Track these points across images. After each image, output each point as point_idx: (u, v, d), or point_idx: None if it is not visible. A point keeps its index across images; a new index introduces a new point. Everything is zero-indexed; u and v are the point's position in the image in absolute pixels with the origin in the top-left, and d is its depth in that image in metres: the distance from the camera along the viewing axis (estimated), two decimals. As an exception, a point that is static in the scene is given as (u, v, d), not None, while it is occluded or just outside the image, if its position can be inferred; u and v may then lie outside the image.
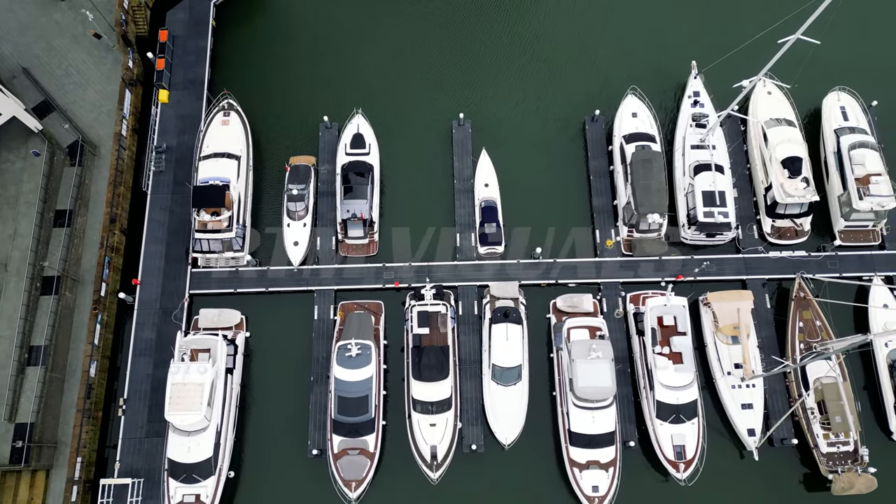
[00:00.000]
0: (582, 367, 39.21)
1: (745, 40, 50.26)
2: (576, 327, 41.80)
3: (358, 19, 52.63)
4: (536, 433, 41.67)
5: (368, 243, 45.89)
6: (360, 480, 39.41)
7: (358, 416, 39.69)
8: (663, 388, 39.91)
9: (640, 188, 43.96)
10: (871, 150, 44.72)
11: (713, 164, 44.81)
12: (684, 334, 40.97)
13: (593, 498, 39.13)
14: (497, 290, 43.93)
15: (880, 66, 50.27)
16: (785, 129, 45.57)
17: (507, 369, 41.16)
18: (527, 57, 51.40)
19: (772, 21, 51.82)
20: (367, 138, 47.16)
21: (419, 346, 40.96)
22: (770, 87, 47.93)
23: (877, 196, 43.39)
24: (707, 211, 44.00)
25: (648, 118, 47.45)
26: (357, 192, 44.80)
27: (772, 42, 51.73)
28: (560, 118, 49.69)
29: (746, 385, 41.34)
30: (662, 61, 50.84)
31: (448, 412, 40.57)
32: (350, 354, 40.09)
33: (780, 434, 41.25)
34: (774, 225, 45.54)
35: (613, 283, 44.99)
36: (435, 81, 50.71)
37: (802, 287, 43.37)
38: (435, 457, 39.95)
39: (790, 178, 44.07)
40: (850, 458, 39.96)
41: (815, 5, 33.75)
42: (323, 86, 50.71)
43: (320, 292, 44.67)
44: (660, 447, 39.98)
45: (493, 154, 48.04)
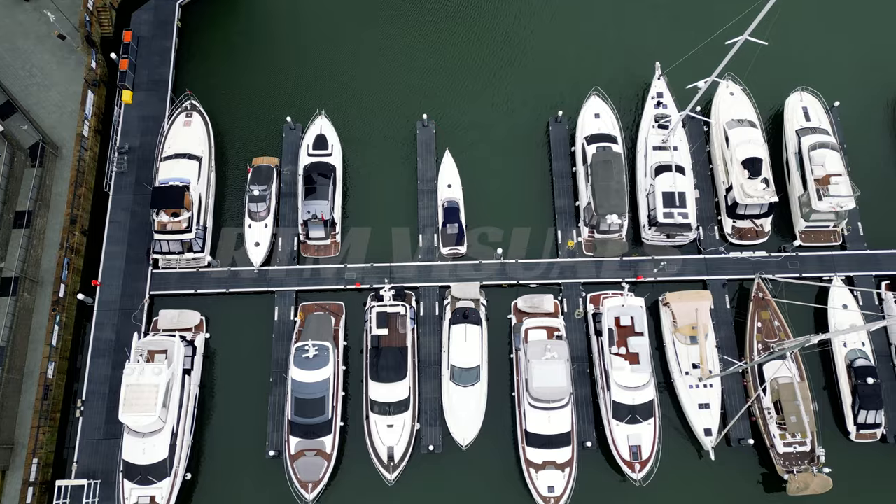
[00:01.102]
0: (537, 367, 39.26)
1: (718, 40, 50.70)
2: (534, 328, 41.79)
3: (323, 21, 52.61)
4: (495, 434, 41.69)
5: (331, 244, 45.87)
6: (316, 481, 39.36)
7: (314, 418, 39.64)
8: (619, 388, 39.96)
9: (599, 189, 44.04)
10: (832, 150, 44.82)
11: (674, 164, 44.87)
12: (641, 335, 41.01)
13: (549, 498, 39.15)
14: (458, 291, 43.95)
15: (844, 67, 50.40)
16: (746, 130, 45.69)
17: (465, 370, 41.16)
18: (492, 58, 51.44)
19: (739, 21, 52.51)
20: (330, 139, 47.15)
21: (377, 347, 40.95)
22: (732, 88, 48.10)
23: (836, 196, 43.48)
24: (667, 212, 44.08)
25: (611, 119, 47.53)
26: (318, 193, 44.77)
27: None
28: (524, 119, 49.75)
29: (704, 385, 41.42)
30: (628, 62, 50.90)
31: (405, 413, 40.55)
32: (307, 356, 40.06)
33: (737, 434, 41.34)
34: (735, 225, 45.64)
35: (574, 283, 45.04)
36: (399, 82, 50.70)
37: (761, 287, 43.49)
38: (392, 458, 39.94)
39: (750, 178, 44.16)
40: (806, 459, 40.06)
41: (765, 6, 33.60)
42: (287, 87, 50.70)
43: (281, 293, 44.62)
44: (616, 447, 40.03)
45: (456, 155, 48.08)
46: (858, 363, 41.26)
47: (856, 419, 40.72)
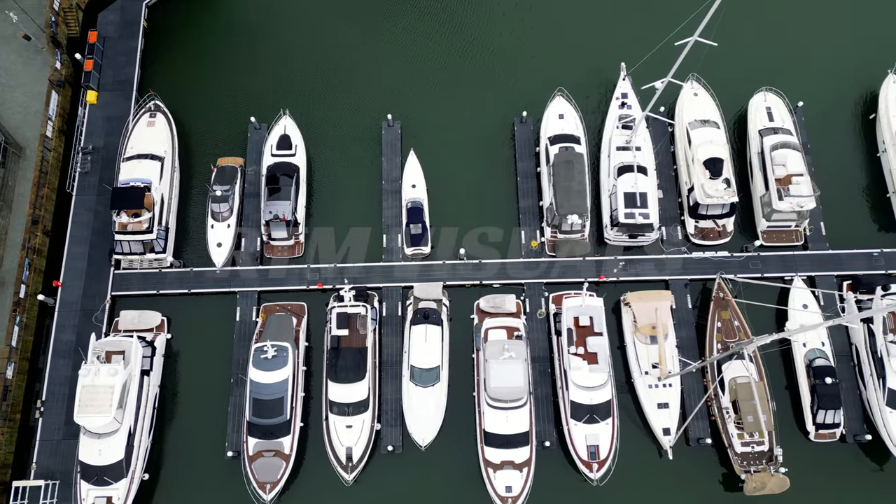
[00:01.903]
0: (495, 367, 39.31)
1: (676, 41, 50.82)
2: (493, 328, 41.84)
3: (289, 21, 52.58)
4: (456, 434, 41.66)
5: (294, 244, 45.85)
6: (274, 482, 39.32)
7: (272, 419, 39.62)
8: (577, 388, 40.05)
9: (560, 189, 44.09)
10: (794, 150, 44.92)
11: (636, 165, 44.93)
12: (600, 335, 41.10)
13: (506, 498, 39.16)
14: (420, 292, 43.98)
15: (810, 67, 50.42)
16: (708, 131, 45.80)
17: (424, 371, 41.17)
18: (458, 58, 51.45)
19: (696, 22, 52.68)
20: (294, 139, 47.15)
21: (336, 348, 40.93)
22: (697, 89, 48.17)
23: (796, 196, 43.59)
24: (628, 212, 44.14)
25: (575, 120, 47.60)
26: (280, 194, 44.74)
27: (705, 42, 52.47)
28: (491, 119, 49.73)
29: (663, 385, 41.49)
30: (597, 63, 50.79)
31: (364, 414, 40.54)
32: (266, 356, 40.03)
33: (696, 434, 41.42)
34: (698, 226, 45.72)
35: (537, 283, 45.09)
36: (365, 83, 50.70)
37: (722, 287, 43.57)
38: (350, 458, 39.92)
39: (711, 179, 44.26)
40: (764, 458, 40.13)
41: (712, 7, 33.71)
42: (253, 87, 50.63)
43: (243, 294, 44.60)
44: (574, 447, 40.09)
45: (422, 155, 48.12)
46: (817, 363, 41.34)
47: (814, 419, 40.76)
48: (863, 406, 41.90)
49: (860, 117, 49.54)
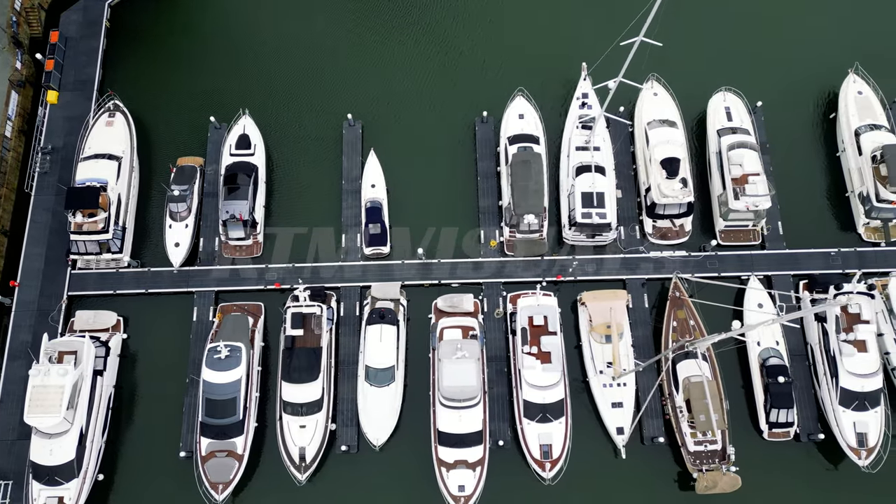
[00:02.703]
0: (448, 366, 39.35)
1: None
2: (449, 327, 41.90)
3: (251, 21, 52.62)
4: (412, 434, 41.69)
5: (252, 244, 45.83)
6: (227, 482, 39.26)
7: (225, 419, 39.56)
8: (530, 387, 40.13)
9: (518, 189, 44.16)
10: (750, 150, 45.05)
11: (593, 165, 45.00)
12: (554, 334, 41.19)
13: (459, 497, 39.19)
14: (378, 291, 44.00)
15: (769, 67, 50.51)
16: (666, 131, 45.90)
17: (380, 370, 41.18)
18: (420, 58, 51.50)
19: (664, 23, 52.77)
20: (253, 139, 47.14)
21: (291, 348, 40.93)
22: (657, 89, 48.28)
23: (752, 196, 43.70)
24: (585, 212, 44.20)
25: (535, 120, 47.67)
26: (238, 193, 44.71)
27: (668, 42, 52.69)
28: (452, 119, 49.75)
29: (617, 384, 41.57)
30: (559, 63, 50.85)
31: (318, 414, 40.52)
32: (219, 356, 39.97)
33: (650, 433, 41.50)
34: (655, 225, 45.80)
35: (495, 283, 45.13)
36: (327, 82, 50.74)
37: (678, 287, 43.70)
38: (304, 458, 39.91)
39: (668, 178, 44.35)
40: (717, 457, 40.23)
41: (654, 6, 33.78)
42: (215, 87, 50.58)
43: (200, 294, 44.56)
44: (527, 446, 40.14)
45: (383, 155, 48.12)
46: (771, 362, 41.44)
47: (768, 418, 40.88)
48: (817, 405, 42.03)
49: (821, 117, 49.72)
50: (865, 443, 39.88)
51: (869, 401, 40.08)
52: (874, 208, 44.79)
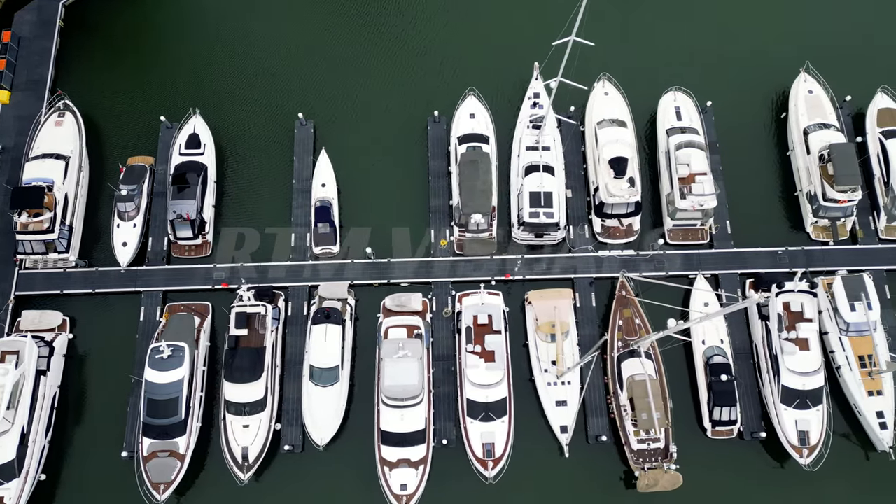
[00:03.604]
0: (389, 365, 39.38)
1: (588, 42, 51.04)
2: (394, 326, 41.90)
3: (203, 21, 52.59)
4: (357, 433, 41.64)
5: (202, 244, 45.79)
6: (168, 483, 39.17)
7: (167, 419, 39.47)
8: (472, 385, 40.18)
9: (465, 189, 44.22)
10: (697, 149, 45.16)
11: (541, 164, 45.07)
12: (498, 333, 41.26)
13: (401, 496, 39.19)
14: (325, 291, 43.98)
15: (720, 67, 50.60)
16: (614, 130, 45.99)
17: (324, 370, 41.13)
18: (374, 57, 51.48)
19: (617, 23, 53.04)
20: (203, 138, 47.11)
21: (234, 348, 40.90)
22: (608, 89, 48.38)
23: (698, 195, 43.84)
24: (533, 211, 44.26)
25: (485, 119, 47.72)
26: (186, 193, 44.66)
27: (621, 42, 52.96)
28: (405, 119, 49.77)
29: (561, 382, 41.63)
30: (512, 62, 50.91)
31: (262, 413, 40.47)
32: (161, 356, 39.89)
33: (594, 431, 41.58)
34: (604, 224, 45.88)
35: (444, 282, 45.16)
36: (280, 82, 50.72)
37: (624, 286, 43.79)
38: (246, 458, 39.85)
39: (615, 178, 44.46)
40: (660, 455, 40.34)
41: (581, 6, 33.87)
42: (168, 87, 50.60)
43: (148, 293, 44.51)
44: (470, 445, 40.19)
45: (336, 154, 48.17)
46: (715, 360, 41.58)
47: (711, 416, 41.01)
48: (761, 404, 42.16)
49: (773, 116, 49.91)
50: (807, 441, 40.01)
51: (811, 399, 40.23)
52: (821, 207, 44.96)
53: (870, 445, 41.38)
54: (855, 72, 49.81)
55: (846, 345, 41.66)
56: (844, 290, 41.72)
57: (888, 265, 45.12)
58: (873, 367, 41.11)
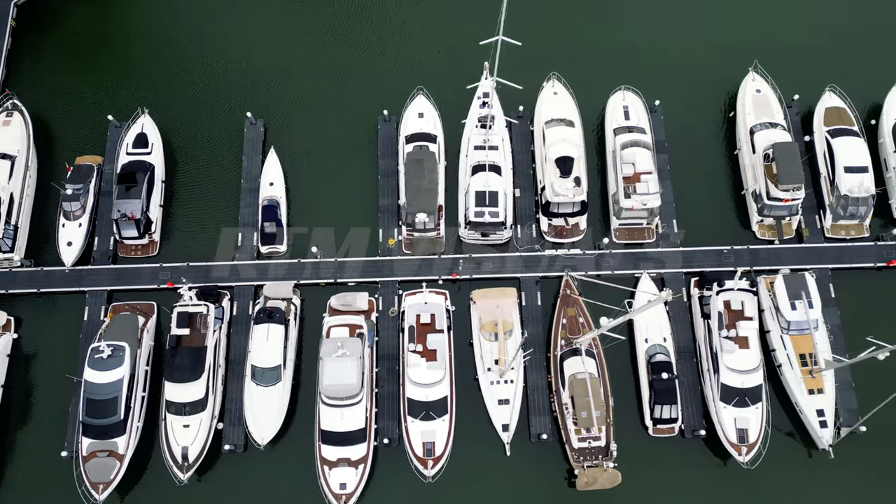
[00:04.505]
0: (328, 365, 39.35)
1: (537, 42, 51.24)
2: (336, 325, 41.92)
3: (154, 22, 52.71)
4: (299, 433, 41.66)
5: (148, 243, 45.75)
6: (107, 482, 39.11)
7: (106, 419, 39.38)
8: (413, 384, 40.24)
9: (410, 188, 44.31)
10: (643, 148, 45.33)
11: (487, 164, 45.15)
12: (441, 332, 41.32)
13: (340, 495, 39.21)
14: (270, 291, 43.93)
15: (669, 67, 50.73)
16: (561, 129, 46.13)
17: (266, 370, 41.09)
18: (323, 57, 51.54)
19: (568, 22, 53.21)
20: (151, 138, 47.08)
21: (175, 347, 40.86)
22: (557, 88, 48.49)
23: (642, 194, 44.00)
24: (478, 211, 44.35)
25: (434, 118, 47.80)
26: (131, 192, 44.63)
27: (572, 41, 53.09)
28: (356, 118, 49.78)
29: (504, 381, 41.68)
30: (463, 62, 50.76)
31: (202, 413, 40.43)
32: (101, 356, 39.82)
33: (536, 430, 41.65)
34: (551, 224, 45.99)
35: (391, 281, 45.20)
36: (230, 81, 50.78)
37: (569, 285, 43.91)
38: (186, 457, 39.80)
39: (561, 177, 44.59)
40: (601, 454, 40.43)
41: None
42: (118, 86, 50.66)
43: (92, 293, 44.43)
44: (410, 444, 40.23)
45: (286, 154, 48.29)
46: (657, 358, 41.70)
47: (652, 414, 41.15)
48: (704, 402, 42.29)
49: (723, 115, 50.10)
50: (746, 439, 40.16)
51: (749, 397, 40.39)
52: (766, 206, 45.16)
53: (811, 444, 41.55)
54: (804, 71, 50.02)
55: (787, 343, 41.85)
56: (786, 288, 41.90)
57: (833, 264, 45.31)
58: (814, 366, 41.30)
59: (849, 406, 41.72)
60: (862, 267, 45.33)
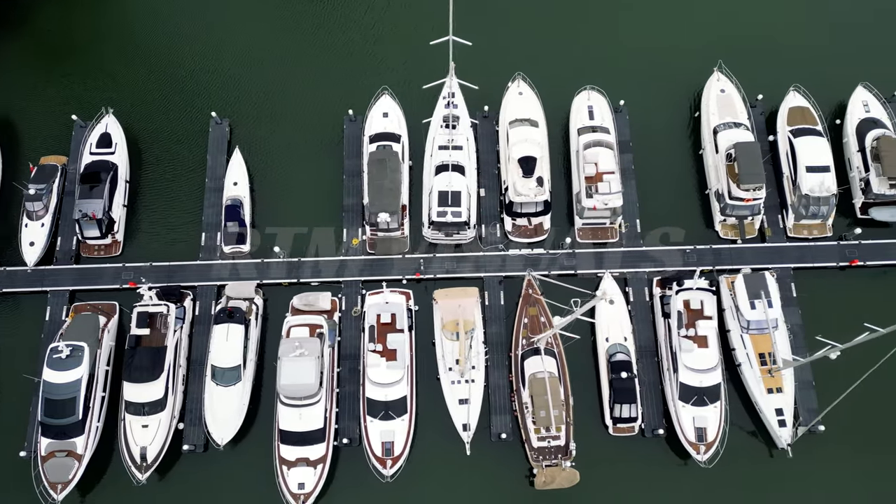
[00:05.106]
0: (286, 364, 39.35)
1: (504, 42, 51.43)
2: (296, 325, 41.92)
3: (118, 21, 52.66)
4: (260, 433, 41.66)
5: (111, 243, 45.71)
6: (66, 482, 39.04)
7: (64, 419, 39.33)
8: (372, 384, 40.26)
9: (373, 188, 44.32)
10: (606, 148, 45.44)
11: (450, 164, 45.17)
12: (401, 331, 41.37)
13: (298, 495, 39.21)
14: (232, 290, 43.92)
15: (634, 67, 50.79)
16: (525, 129, 46.16)
17: (226, 370, 41.05)
18: (290, 57, 51.47)
19: (534, 22, 53.25)
20: (115, 138, 47.04)
21: (134, 347, 40.82)
22: (522, 88, 48.52)
23: (603, 194, 44.10)
24: (440, 210, 44.38)
25: (399, 118, 47.83)
26: (93, 192, 44.56)
27: (538, 41, 53.12)
28: (322, 118, 49.77)
29: (465, 381, 41.73)
30: (430, 62, 50.87)
31: (162, 413, 40.39)
32: (60, 356, 39.77)
33: (497, 429, 41.70)
34: (515, 223, 46.05)
35: (354, 281, 45.21)
36: (196, 81, 50.74)
37: (531, 284, 43.98)
38: (144, 458, 39.76)
39: (524, 177, 44.67)
40: (560, 453, 40.52)
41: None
42: (84, 86, 50.56)
43: (54, 293, 44.36)
44: (369, 444, 40.26)
45: (252, 154, 48.31)
46: (617, 358, 41.82)
47: (612, 413, 41.25)
48: (665, 401, 42.40)
49: (689, 115, 50.21)
50: (704, 438, 40.29)
51: (708, 396, 40.51)
52: (728, 206, 45.29)
53: (771, 443, 41.69)
54: (769, 71, 50.14)
55: (747, 342, 42.00)
56: (745, 287, 42.07)
57: (796, 263, 45.45)
58: (773, 365, 41.45)
59: (809, 405, 41.91)
60: (825, 266, 45.49)
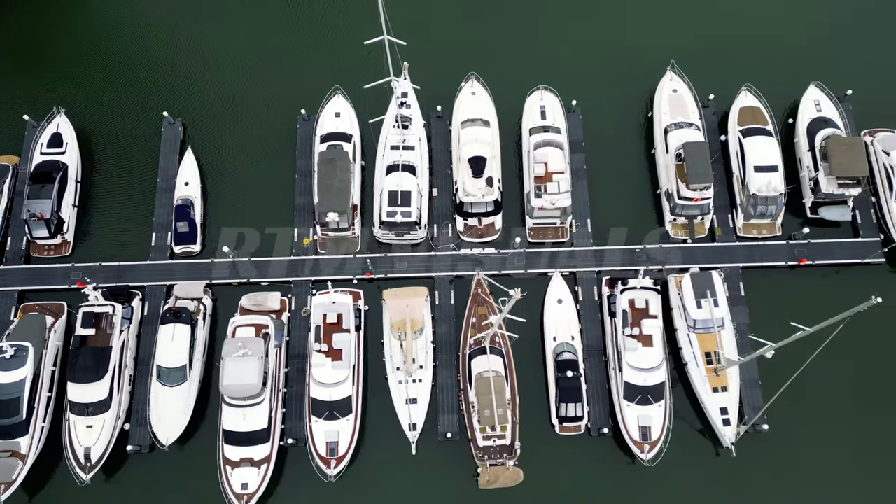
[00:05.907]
0: (229, 364, 39.34)
1: (455, 42, 51.55)
2: (242, 325, 41.92)
3: (72, 21, 52.51)
4: (206, 433, 41.67)
5: (61, 243, 45.62)
6: (9, 482, 38.98)
7: (8, 418, 39.28)
8: (317, 384, 40.29)
9: (322, 187, 44.36)
10: (556, 148, 45.56)
11: (401, 164, 45.25)
12: (347, 331, 41.41)
13: (241, 495, 39.21)
14: (181, 290, 43.87)
15: (588, 67, 50.97)
16: (475, 129, 46.26)
17: (171, 370, 41.04)
18: (244, 57, 51.39)
19: (489, 21, 53.33)
20: (66, 137, 46.96)
21: (78, 347, 40.76)
22: (475, 88, 48.60)
23: (552, 194, 44.24)
24: (390, 210, 44.45)
25: (351, 118, 47.87)
26: (42, 192, 44.50)
27: (491, 40, 53.19)
28: (274, 118, 49.75)
29: (412, 380, 41.79)
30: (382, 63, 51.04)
31: (106, 413, 40.33)
32: (4, 356, 39.70)
33: (444, 428, 41.78)
34: (466, 223, 46.13)
35: (304, 281, 45.24)
36: (148, 81, 50.58)
37: (480, 284, 44.07)
38: (88, 458, 39.71)
39: (473, 177, 44.76)
40: (505, 452, 40.62)
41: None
42: (36, 86, 50.33)
43: (3, 293, 44.26)
44: (314, 443, 40.29)
45: (206, 154, 48.33)
46: (563, 357, 41.94)
47: (558, 412, 41.39)
48: (611, 400, 42.55)
49: (642, 115, 50.35)
50: (648, 436, 40.47)
51: (652, 395, 40.68)
52: (677, 205, 45.50)
53: (716, 442, 41.88)
54: (722, 71, 50.28)
55: (693, 341, 42.22)
56: (692, 287, 42.30)
57: (745, 262, 45.67)
58: (718, 364, 41.65)
59: (755, 404, 42.16)
60: (774, 266, 45.71)
